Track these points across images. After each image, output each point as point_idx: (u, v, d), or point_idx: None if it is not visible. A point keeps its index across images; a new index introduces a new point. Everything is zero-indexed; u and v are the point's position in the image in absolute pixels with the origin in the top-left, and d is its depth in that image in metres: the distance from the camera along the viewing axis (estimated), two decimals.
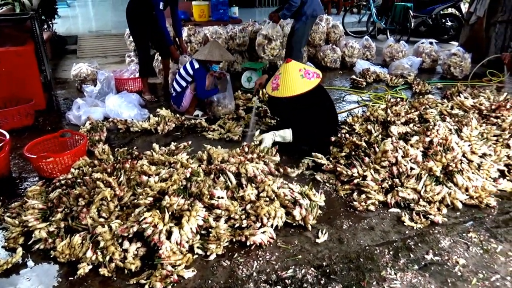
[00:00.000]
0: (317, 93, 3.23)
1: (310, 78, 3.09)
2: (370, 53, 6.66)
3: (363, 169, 2.89)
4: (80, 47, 7.45)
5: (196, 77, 4.08)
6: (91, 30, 8.73)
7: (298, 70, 3.10)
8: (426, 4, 8.32)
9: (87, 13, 12.15)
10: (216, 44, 4.23)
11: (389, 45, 6.55)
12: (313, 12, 4.94)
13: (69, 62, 6.46)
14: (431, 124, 3.22)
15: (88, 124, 3.79)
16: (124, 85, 4.95)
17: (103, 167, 2.77)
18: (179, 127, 4.02)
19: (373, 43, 6.73)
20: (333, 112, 3.44)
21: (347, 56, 6.41)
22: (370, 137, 3.21)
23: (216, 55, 4.06)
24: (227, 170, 2.79)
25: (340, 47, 6.47)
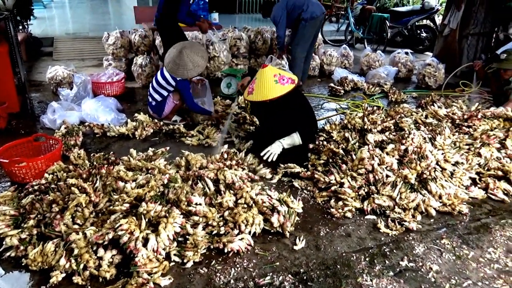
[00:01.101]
0: (294, 98, 3.26)
1: (284, 84, 3.10)
2: (348, 62, 6.77)
3: (341, 176, 2.92)
4: (57, 49, 7.29)
5: (181, 87, 3.95)
6: (68, 32, 8.56)
7: (272, 76, 3.11)
8: (402, 15, 8.53)
9: (64, 14, 11.92)
10: (189, 52, 3.83)
11: (366, 54, 6.67)
12: (312, 14, 5.05)
13: (44, 65, 6.31)
14: (406, 132, 3.29)
15: (63, 128, 3.70)
16: (101, 89, 4.87)
17: (78, 172, 2.71)
18: (157, 132, 3.98)
19: (351, 52, 6.84)
20: (312, 117, 3.46)
21: (326, 64, 6.49)
22: (347, 144, 3.25)
23: (199, 62, 3.84)
24: (205, 177, 2.77)
25: (319, 55, 6.56)
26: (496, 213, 2.86)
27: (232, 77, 5.09)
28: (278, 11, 5.06)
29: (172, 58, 3.84)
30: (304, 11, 5.02)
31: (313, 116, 3.46)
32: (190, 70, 3.83)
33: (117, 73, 5.20)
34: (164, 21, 4.76)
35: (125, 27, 7.43)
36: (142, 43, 5.71)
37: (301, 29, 5.12)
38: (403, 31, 8.67)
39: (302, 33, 5.14)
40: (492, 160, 3.28)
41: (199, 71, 3.88)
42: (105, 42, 5.79)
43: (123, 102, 4.73)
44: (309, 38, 5.25)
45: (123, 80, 5.14)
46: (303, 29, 5.10)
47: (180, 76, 3.87)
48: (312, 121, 3.41)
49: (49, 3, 13.90)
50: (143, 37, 5.70)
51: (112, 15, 12.27)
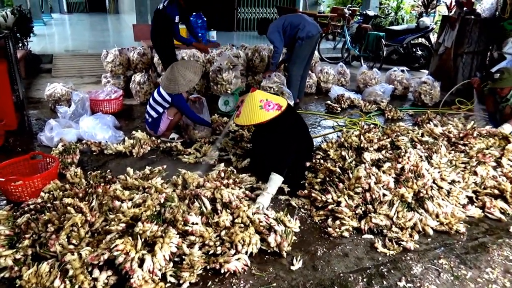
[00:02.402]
0: (282, 123, 3.22)
1: (269, 110, 3.10)
2: (345, 79, 6.83)
3: (337, 195, 2.92)
4: (55, 66, 7.33)
5: (177, 104, 4.00)
6: (68, 49, 8.63)
7: (259, 101, 3.14)
8: (397, 34, 8.64)
9: (63, 31, 12.02)
10: (180, 66, 3.96)
11: (362, 72, 6.74)
12: (308, 33, 5.09)
13: (43, 82, 6.34)
14: (402, 151, 3.30)
15: (60, 146, 3.70)
16: (99, 107, 4.88)
17: (74, 191, 2.70)
18: (154, 150, 3.98)
19: (348, 70, 6.91)
20: (307, 139, 3.47)
21: (323, 82, 6.54)
22: (344, 163, 3.26)
23: (192, 77, 3.93)
24: (202, 196, 2.76)
25: (316, 73, 6.61)
26: (493, 232, 2.85)
27: (230, 95, 5.13)
28: (274, 29, 5.12)
29: (165, 74, 3.99)
30: (300, 30, 5.08)
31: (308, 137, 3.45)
32: (182, 85, 3.91)
33: (115, 90, 5.22)
34: (155, 38, 4.94)
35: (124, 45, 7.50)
36: (140, 60, 5.75)
37: (298, 48, 5.17)
38: (398, 49, 8.77)
39: (298, 52, 5.20)
40: (488, 178, 3.29)
41: (191, 85, 3.97)
42: (103, 60, 5.83)
43: (121, 119, 4.75)
44: (305, 57, 5.31)
45: (121, 98, 5.16)
46: (299, 48, 5.16)
47: (172, 91, 3.94)
48: (290, 148, 3.20)
49: (49, 20, 14.05)
50: (141, 54, 5.75)
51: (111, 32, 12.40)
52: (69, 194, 2.71)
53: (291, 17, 5.32)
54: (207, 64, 5.95)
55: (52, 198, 2.74)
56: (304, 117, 5.21)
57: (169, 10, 4.73)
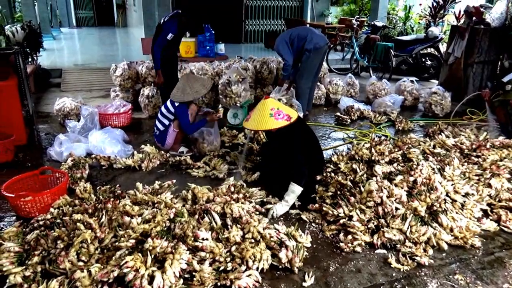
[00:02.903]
0: (291, 134, 3.21)
1: (278, 119, 3.10)
2: (354, 91, 6.82)
3: (349, 209, 2.90)
4: (65, 81, 7.44)
5: (179, 114, 4.07)
6: (77, 64, 8.75)
7: (270, 109, 3.14)
8: (406, 44, 8.63)
9: (73, 46, 12.21)
10: (191, 78, 4.18)
11: (372, 83, 6.73)
12: (315, 45, 5.09)
13: (52, 96, 6.42)
14: (414, 163, 3.27)
15: (69, 161, 3.73)
16: (108, 121, 4.93)
17: (84, 207, 2.72)
18: (163, 164, 4.00)
19: (357, 81, 6.91)
20: (317, 153, 3.47)
21: (332, 93, 6.55)
22: (355, 176, 3.24)
23: (199, 89, 4.05)
24: (212, 210, 2.76)
25: (325, 84, 6.62)
26: (510, 246, 2.80)
27: (239, 108, 5.14)
28: (282, 41, 5.14)
29: (176, 85, 4.11)
30: (307, 42, 5.09)
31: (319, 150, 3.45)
32: (188, 94, 4.02)
33: (124, 104, 5.27)
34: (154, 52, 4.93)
35: (133, 58, 7.59)
36: (149, 74, 5.81)
37: (305, 60, 5.19)
38: (407, 59, 8.76)
39: (306, 64, 5.21)
40: (503, 191, 3.24)
41: (196, 96, 4.06)
42: (112, 74, 5.90)
43: (130, 133, 4.78)
44: (313, 69, 5.32)
45: (130, 111, 5.21)
46: (307, 60, 5.17)
47: (177, 99, 4.03)
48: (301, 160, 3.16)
49: (58, 34, 14.27)
50: (150, 68, 5.80)
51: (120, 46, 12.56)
52: (78, 210, 2.72)
53: (298, 29, 5.35)
54: (215, 77, 5.99)
55: (61, 214, 2.75)
56: (314, 129, 5.17)
57: (166, 25, 4.74)
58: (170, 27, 4.71)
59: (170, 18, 4.76)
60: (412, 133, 4.82)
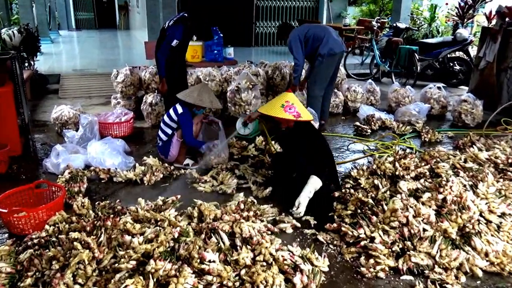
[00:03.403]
0: (303, 133, 3.45)
1: (287, 111, 3.31)
2: (375, 98, 6.79)
3: (371, 229, 2.85)
4: (63, 87, 7.54)
5: (181, 122, 4.10)
6: (76, 69, 8.88)
7: (285, 101, 3.38)
8: (432, 47, 8.59)
9: (72, 50, 12.41)
10: (206, 89, 4.28)
11: (394, 89, 6.69)
12: (329, 51, 5.07)
13: (49, 103, 6.51)
14: (443, 179, 3.23)
15: (67, 174, 3.75)
16: (108, 130, 4.96)
17: (81, 224, 2.72)
18: (167, 178, 4.00)
19: (377, 87, 6.87)
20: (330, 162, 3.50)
21: (350, 101, 6.52)
22: (377, 193, 3.20)
23: (206, 100, 4.11)
24: (219, 230, 2.74)
25: (342, 91, 6.60)
26: None
27: None
28: (296, 37, 5.12)
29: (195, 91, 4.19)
30: (321, 45, 5.07)
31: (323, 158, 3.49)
32: (192, 97, 4.09)
33: (126, 112, 5.31)
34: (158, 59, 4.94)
35: (135, 63, 7.68)
36: (152, 80, 5.86)
37: (318, 66, 5.18)
38: (434, 64, 8.71)
39: (319, 70, 5.20)
40: None
41: (198, 103, 4.08)
42: (113, 80, 5.96)
43: (132, 143, 4.81)
44: (326, 76, 5.29)
45: (132, 120, 5.24)
46: (320, 65, 5.16)
47: (180, 96, 4.10)
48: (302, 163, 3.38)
49: (56, 37, 14.53)
50: (153, 74, 5.85)
51: (122, 50, 12.74)
52: (75, 228, 2.73)
53: (315, 27, 5.32)
54: (224, 84, 6.01)
55: (57, 232, 2.76)
56: (330, 140, 5.19)
57: (170, 31, 4.73)
58: (175, 32, 4.69)
59: (175, 23, 4.75)
60: (440, 146, 4.76)
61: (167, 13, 9.19)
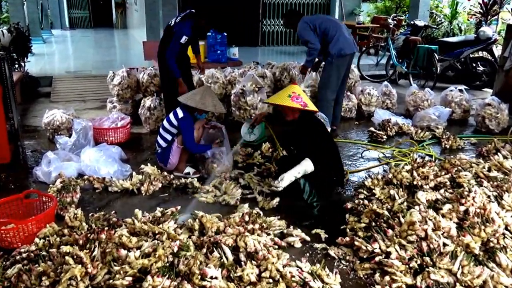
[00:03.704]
0: (308, 127, 3.60)
1: (294, 101, 3.50)
2: (391, 101, 6.78)
3: (386, 243, 2.84)
4: (55, 90, 7.61)
5: (182, 127, 4.12)
6: (69, 71, 8.97)
7: (291, 92, 3.59)
8: (453, 46, 8.58)
9: (65, 50, 12.54)
10: (209, 92, 4.30)
11: (412, 92, 6.68)
12: (340, 51, 5.10)
13: (41, 107, 6.57)
14: (465, 190, 3.21)
15: (59, 183, 3.78)
16: (103, 136, 5.00)
17: (74, 237, 2.74)
18: (166, 187, 4.01)
19: (394, 90, 6.87)
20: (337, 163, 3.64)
21: (364, 105, 6.52)
22: (393, 204, 3.19)
23: (209, 104, 4.13)
24: (222, 243, 2.75)
25: (356, 94, 6.61)
26: None
27: None
28: (306, 27, 5.13)
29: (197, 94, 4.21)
30: (331, 44, 5.10)
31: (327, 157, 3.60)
32: (192, 100, 4.10)
33: (122, 117, 5.35)
34: (160, 59, 5.00)
35: (133, 64, 7.74)
36: (151, 82, 5.90)
37: (327, 67, 5.20)
38: (455, 64, 8.69)
39: (329, 72, 5.22)
40: None
41: (199, 106, 4.09)
42: (109, 82, 6.01)
43: (128, 150, 4.84)
44: (337, 79, 5.31)
45: (129, 126, 5.28)
46: (329, 67, 5.18)
47: (181, 99, 4.13)
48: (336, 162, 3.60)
49: (49, 37, 14.68)
50: (152, 76, 5.90)
51: (118, 50, 12.85)
52: (67, 241, 2.75)
53: (328, 21, 5.28)
54: (227, 86, 6.04)
55: (47, 245, 2.78)
56: (343, 147, 5.19)
57: (177, 27, 4.80)
58: (183, 28, 4.76)
59: (182, 19, 4.83)
60: (462, 153, 4.74)
61: (167, 11, 9.26)
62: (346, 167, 4.52)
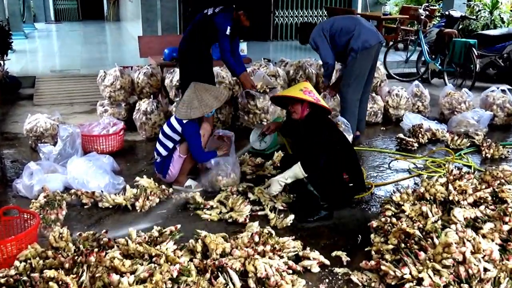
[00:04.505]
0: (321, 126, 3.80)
1: (305, 93, 3.76)
2: (423, 104, 6.77)
3: (418, 268, 2.82)
4: (38, 92, 7.69)
5: (187, 135, 4.13)
6: (54, 70, 9.06)
7: (303, 87, 3.86)
8: (494, 40, 8.55)
9: (49, 46, 12.68)
10: (199, 87, 4.25)
11: (447, 93, 6.66)
12: (364, 44, 5.12)
13: (22, 111, 6.64)
14: (510, 206, 3.19)
15: (42, 198, 3.81)
16: (93, 144, 5.03)
17: (59, 260, 2.75)
18: (165, 203, 4.03)
19: (426, 91, 6.86)
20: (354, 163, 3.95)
21: (392, 108, 6.52)
22: (426, 222, 3.17)
23: (210, 100, 4.13)
24: (228, 268, 2.75)
25: (382, 96, 6.61)
26: None
27: None
28: (319, 34, 5.19)
29: (182, 97, 4.25)
30: (353, 38, 5.12)
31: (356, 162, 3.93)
32: (195, 109, 4.08)
33: (115, 122, 5.39)
34: (188, 51, 5.00)
35: (127, 62, 7.82)
36: (147, 83, 5.96)
37: (351, 64, 5.21)
38: (497, 61, 8.65)
39: (352, 69, 5.24)
40: None
41: (205, 111, 4.12)
42: (100, 83, 6.06)
43: (121, 161, 4.88)
44: (362, 75, 5.32)
45: (122, 132, 5.31)
46: (353, 63, 5.20)
47: (182, 116, 4.11)
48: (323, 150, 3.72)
49: (32, 31, 14.88)
50: (149, 75, 5.95)
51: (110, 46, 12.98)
52: (51, 264, 2.76)
53: (342, 19, 5.37)
54: (234, 87, 6.06)
55: (29, 269, 2.78)
56: (367, 157, 5.19)
57: (219, 19, 4.84)
58: (226, 21, 4.85)
59: (221, 11, 4.91)
60: (505, 163, 4.72)
61: (166, 2, 9.36)
62: (371, 180, 4.52)
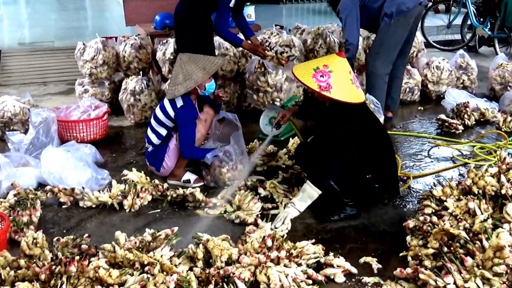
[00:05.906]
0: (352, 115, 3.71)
1: (315, 77, 3.55)
2: (469, 78, 6.73)
3: (464, 277, 2.83)
4: (5, 69, 7.71)
5: (180, 121, 4.13)
6: (23, 42, 9.07)
7: (323, 64, 3.61)
8: None
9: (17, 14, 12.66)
10: (185, 58, 4.20)
11: (499, 64, 6.61)
12: (399, 7, 5.09)
13: None
14: None
15: (12, 196, 3.83)
16: (71, 131, 5.05)
17: (33, 271, 2.77)
18: (158, 201, 4.04)
19: (473, 61, 6.81)
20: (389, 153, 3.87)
21: (431, 83, 6.49)
22: (473, 222, 3.17)
23: (196, 73, 4.08)
24: (236, 278, 2.76)
25: (419, 68, 6.57)
26: None
27: (279, 108, 5.13)
28: (349, 4, 5.16)
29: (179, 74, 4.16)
30: (388, 1, 5.09)
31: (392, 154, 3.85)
32: (179, 85, 4.08)
33: (97, 105, 5.40)
34: (187, 21, 4.99)
35: (110, 33, 7.81)
36: (136, 57, 5.94)
37: (383, 31, 5.19)
38: None
39: (384, 36, 5.22)
40: None
41: (189, 86, 4.07)
42: (79, 57, 6.05)
43: (106, 151, 4.91)
44: (395, 46, 5.29)
45: (106, 116, 5.32)
46: (386, 30, 5.17)
47: (169, 96, 4.16)
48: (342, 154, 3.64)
49: None
50: (137, 48, 5.94)
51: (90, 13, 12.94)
52: (24, 275, 2.78)
53: None
54: (241, 60, 6.03)
55: None
56: (402, 142, 5.17)
57: None
58: None
59: None
60: None
61: None
62: (407, 170, 4.50)
